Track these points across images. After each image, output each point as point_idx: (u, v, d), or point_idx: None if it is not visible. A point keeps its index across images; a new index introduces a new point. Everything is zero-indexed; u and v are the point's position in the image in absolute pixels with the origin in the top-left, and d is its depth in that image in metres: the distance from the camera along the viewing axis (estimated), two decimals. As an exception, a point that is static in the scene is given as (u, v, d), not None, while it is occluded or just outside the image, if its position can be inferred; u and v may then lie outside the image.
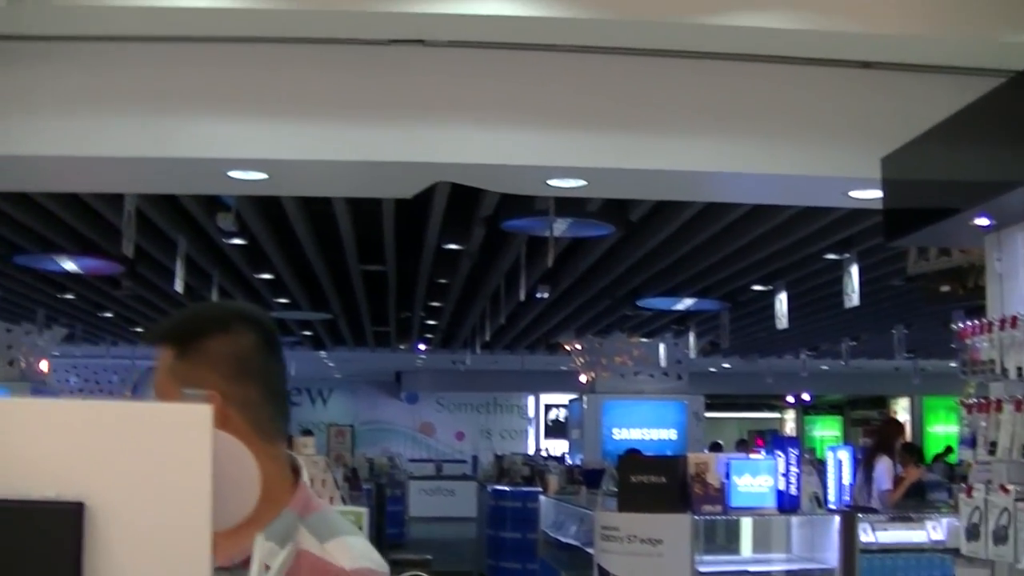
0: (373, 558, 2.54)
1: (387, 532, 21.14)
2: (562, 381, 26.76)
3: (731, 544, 9.81)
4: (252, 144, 6.95)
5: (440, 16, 6.55)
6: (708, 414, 20.57)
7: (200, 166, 7.23)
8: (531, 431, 38.21)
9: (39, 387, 19.25)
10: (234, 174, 7.45)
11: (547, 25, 6.63)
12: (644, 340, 20.37)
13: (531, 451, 33.48)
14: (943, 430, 34.42)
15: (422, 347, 28.42)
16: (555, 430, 35.69)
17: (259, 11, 6.50)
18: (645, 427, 19.08)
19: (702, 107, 7.13)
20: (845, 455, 9.88)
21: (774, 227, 12.87)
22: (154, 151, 6.96)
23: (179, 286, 13.55)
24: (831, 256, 14.30)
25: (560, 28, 6.68)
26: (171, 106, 6.92)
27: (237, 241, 13.93)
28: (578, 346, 20.08)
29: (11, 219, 12.97)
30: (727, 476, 8.69)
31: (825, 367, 30.70)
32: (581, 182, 7.68)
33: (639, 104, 7.13)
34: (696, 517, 8.70)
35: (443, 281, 17.65)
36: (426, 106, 7.00)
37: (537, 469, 19.14)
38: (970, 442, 6.10)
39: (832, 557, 8.93)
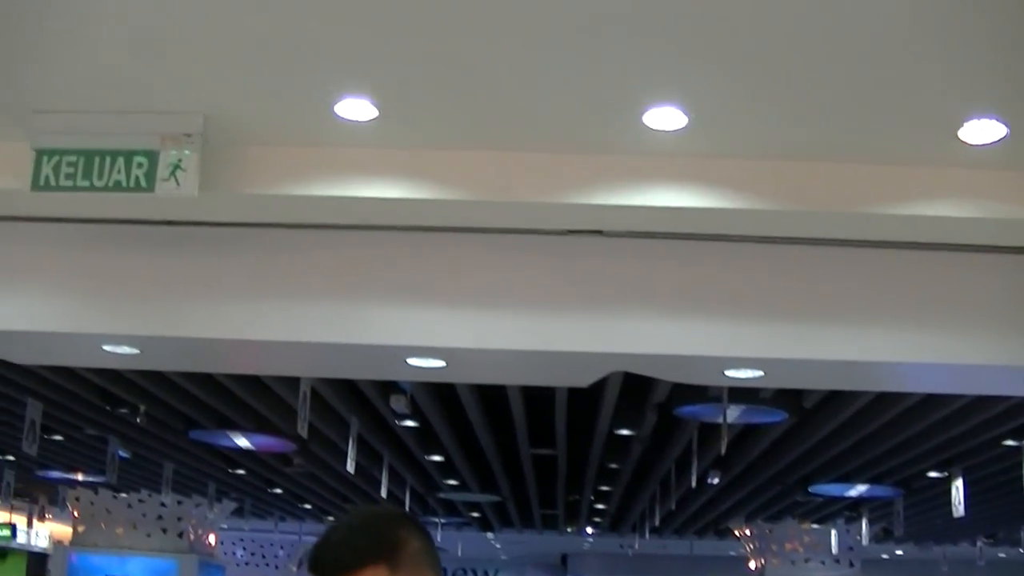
0: None
1: None
2: (732, 567, 26.19)
3: None
4: (431, 332, 7.05)
5: (618, 207, 6.62)
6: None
7: (379, 353, 7.35)
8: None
9: (207, 560, 19.50)
10: (412, 361, 7.55)
11: (724, 216, 6.65)
12: (816, 527, 19.87)
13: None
14: None
15: (590, 530, 28.13)
16: (724, 618, 34.79)
17: (440, 202, 6.66)
18: (815, 617, 18.50)
19: (878, 296, 7.04)
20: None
21: (950, 414, 12.52)
22: (335, 337, 7.11)
23: (350, 466, 13.68)
24: (1010, 443, 13.84)
25: (737, 218, 6.69)
26: (352, 293, 7.09)
27: (410, 423, 14.05)
28: (748, 532, 19.68)
29: (190, 396, 13.30)
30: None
31: (1003, 555, 29.50)
32: (758, 372, 7.60)
33: (816, 293, 7.06)
34: None
35: (614, 466, 17.51)
36: (603, 296, 7.03)
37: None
38: None
39: None
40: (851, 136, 6.21)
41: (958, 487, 15.90)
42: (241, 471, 19.08)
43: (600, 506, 23.11)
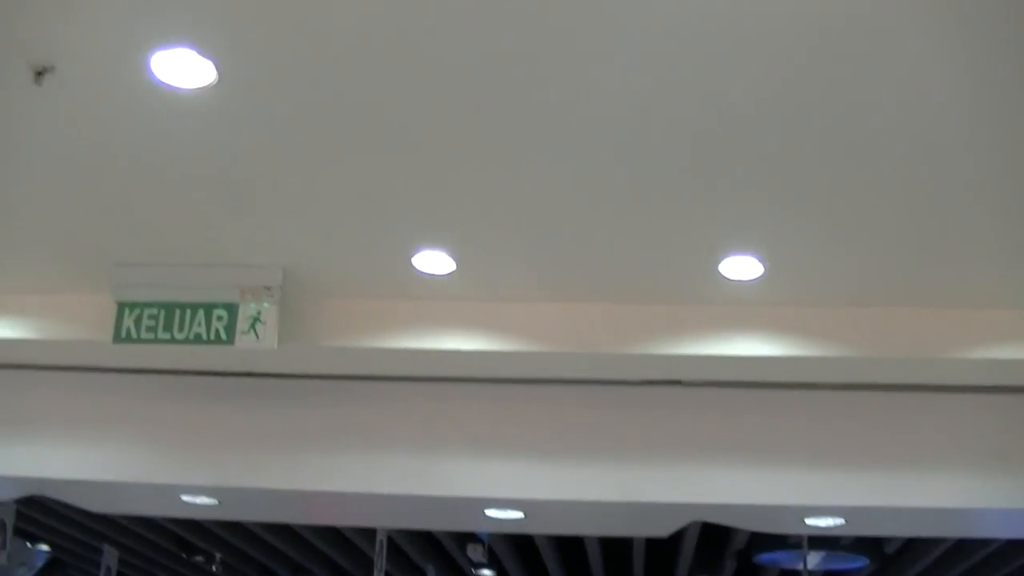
0: None
1: None
2: None
3: None
4: (510, 484, 7.00)
5: (696, 357, 6.59)
6: None
7: (457, 504, 7.30)
8: None
9: None
10: (491, 513, 7.50)
11: (801, 364, 6.59)
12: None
13: None
14: None
15: None
16: None
17: (518, 354, 6.66)
18: None
19: (957, 442, 6.91)
20: None
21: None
22: (413, 489, 7.08)
23: (425, 613, 13.53)
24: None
25: (814, 366, 6.63)
26: (430, 444, 7.07)
27: (487, 572, 13.89)
28: None
29: (267, 544, 13.25)
30: None
31: None
32: (839, 520, 7.46)
33: (895, 440, 6.94)
34: None
35: (693, 613, 17.15)
36: (682, 446, 6.96)
37: None
38: None
39: None
40: (927, 282, 6.16)
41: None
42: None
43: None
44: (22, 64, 4.55)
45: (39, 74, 4.59)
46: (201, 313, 6.29)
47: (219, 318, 6.27)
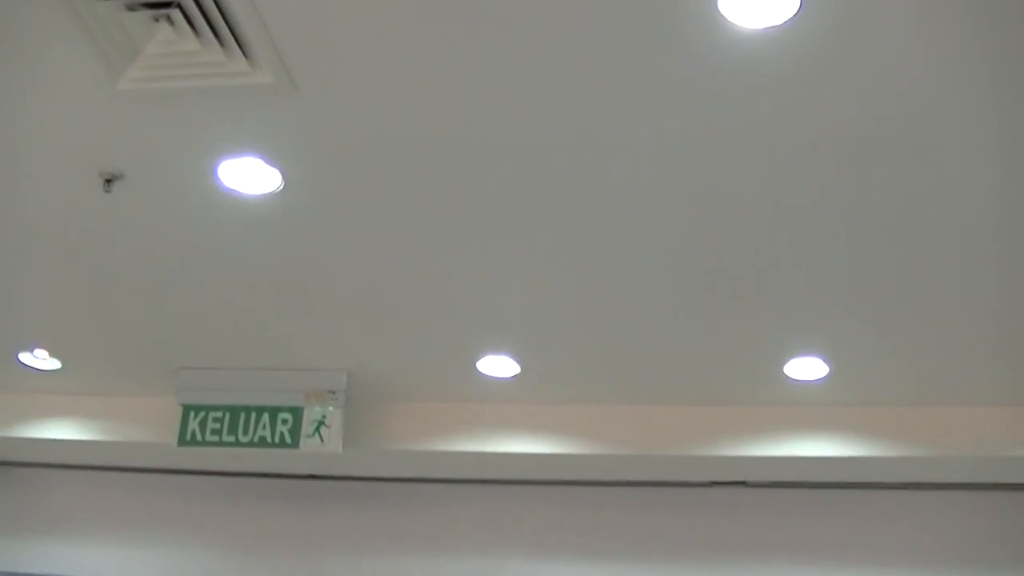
0: None
1: None
2: None
3: None
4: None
5: (761, 459, 6.52)
6: None
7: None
8: None
9: None
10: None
11: (867, 464, 6.50)
12: None
13: None
14: None
15: None
16: None
17: (583, 456, 6.61)
18: None
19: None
20: None
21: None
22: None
23: None
24: None
25: (879, 466, 6.54)
26: (495, 547, 7.03)
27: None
28: None
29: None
30: None
31: None
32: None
33: (963, 538, 6.79)
34: None
35: None
36: (748, 546, 6.88)
37: None
38: None
39: None
40: (992, 381, 6.07)
41: None
42: None
43: None
44: (92, 172, 4.63)
45: (108, 181, 4.66)
46: (266, 416, 6.31)
47: (284, 421, 6.29)
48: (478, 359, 6.12)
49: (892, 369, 6.01)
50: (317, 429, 6.25)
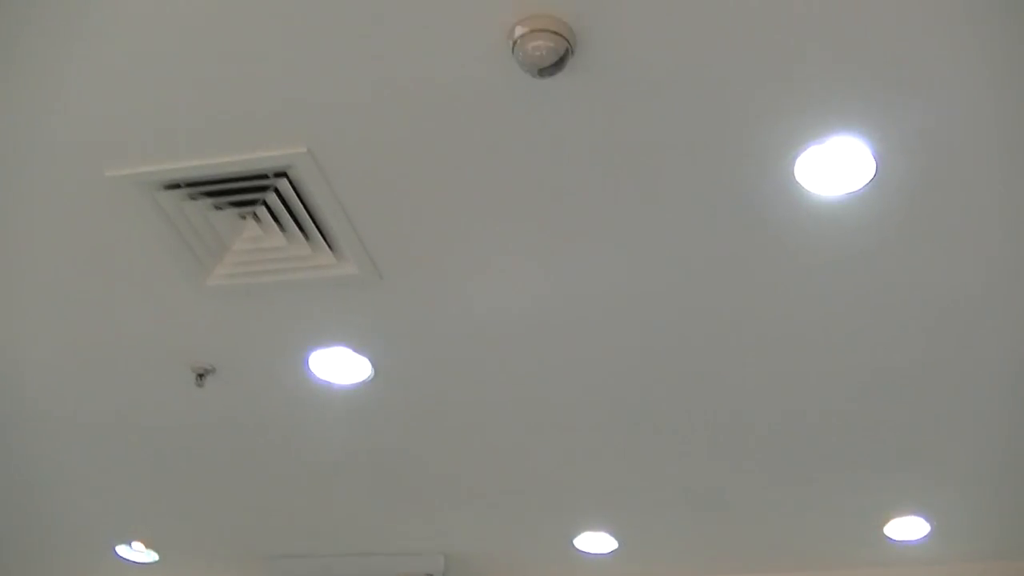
0: None
1: None
2: None
3: None
4: None
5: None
6: None
7: None
8: None
9: None
10: None
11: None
12: None
13: None
14: None
15: None
16: None
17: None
18: None
19: None
20: None
21: None
22: None
23: None
24: None
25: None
26: None
27: None
28: None
29: None
30: None
31: None
32: None
33: None
34: None
35: None
36: None
37: None
38: None
39: None
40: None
41: None
42: None
43: None
44: (184, 367, 4.67)
45: (200, 376, 4.70)
46: (360, 608, 6.25)
47: (377, 611, 6.22)
48: (575, 536, 6.02)
49: (994, 523, 5.82)
50: (423, 612, 6.17)
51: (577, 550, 6.16)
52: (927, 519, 5.78)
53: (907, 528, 5.87)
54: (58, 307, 4.40)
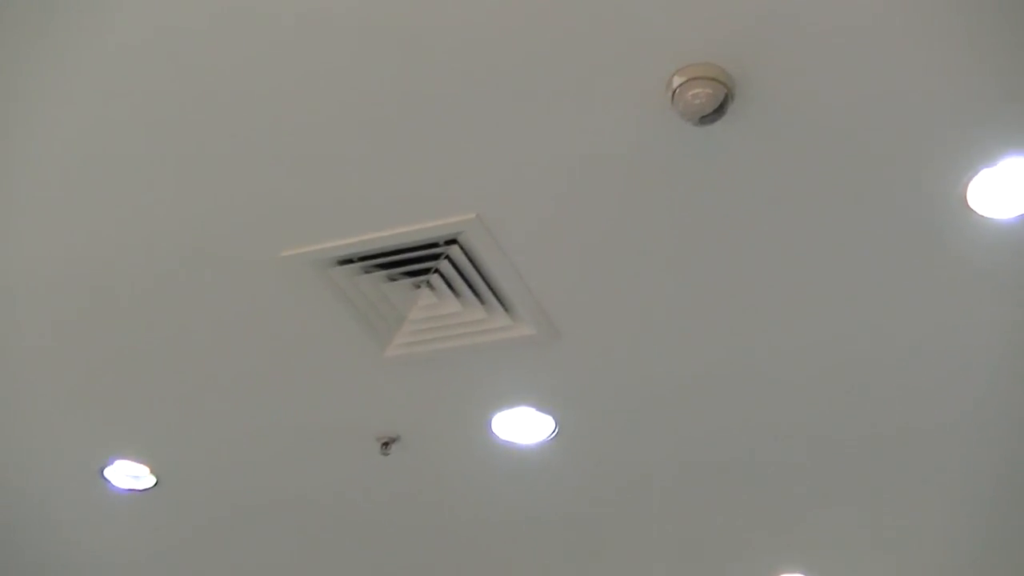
0: None
1: None
2: None
3: None
4: None
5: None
6: None
7: None
8: None
9: None
10: None
11: None
12: None
13: None
14: None
15: None
16: None
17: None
18: None
19: None
20: None
21: None
22: None
23: None
24: None
25: None
26: None
27: None
28: None
29: None
30: None
31: None
32: None
33: None
34: None
35: None
36: None
37: None
38: None
39: None
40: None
41: None
42: None
43: None
44: (368, 437, 4.73)
45: (385, 444, 4.75)
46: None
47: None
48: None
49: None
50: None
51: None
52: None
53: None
54: (243, 393, 4.51)
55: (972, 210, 3.34)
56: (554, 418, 4.53)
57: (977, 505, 5.03)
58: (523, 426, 4.60)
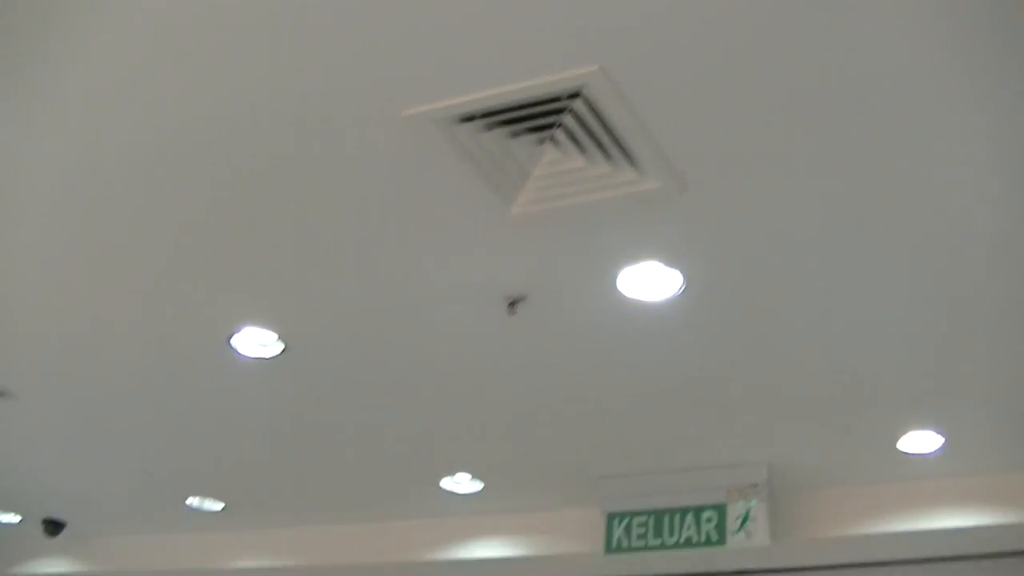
0: None
1: None
2: None
3: None
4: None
5: None
6: None
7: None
8: None
9: None
10: None
11: None
12: None
13: None
14: None
15: None
16: None
17: (1015, 526, 6.22)
18: None
19: None
20: None
21: None
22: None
23: None
24: None
25: None
26: None
27: None
28: None
29: None
30: None
31: None
32: None
33: None
34: None
35: None
36: None
37: None
38: None
39: None
40: None
41: None
42: None
43: None
44: (495, 297, 4.72)
45: (512, 304, 4.74)
46: (690, 517, 6.25)
47: (708, 520, 6.20)
48: (900, 437, 5.85)
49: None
50: (743, 524, 6.13)
51: (901, 452, 6.00)
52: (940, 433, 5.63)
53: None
54: (369, 256, 4.52)
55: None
56: (682, 273, 4.48)
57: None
58: (650, 282, 4.56)
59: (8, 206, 4.35)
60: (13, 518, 8.57)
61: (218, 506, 7.78)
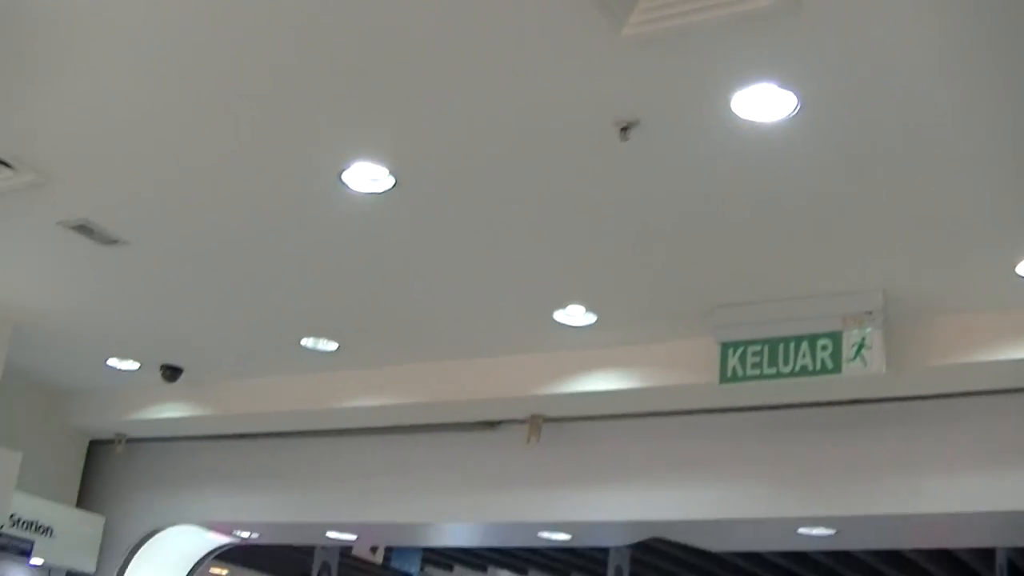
0: None
1: None
2: None
3: None
4: None
5: None
6: None
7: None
8: None
9: None
10: None
11: None
12: None
13: None
14: None
15: None
16: None
17: None
18: None
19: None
20: None
21: None
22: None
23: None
24: None
25: None
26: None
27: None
28: None
29: (877, 572, 13.00)
30: None
31: None
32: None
33: None
34: None
35: None
36: None
37: None
38: None
39: None
40: None
41: None
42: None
43: None
44: (607, 122, 4.67)
45: (624, 130, 4.69)
46: (805, 345, 6.21)
47: (823, 348, 6.16)
48: (1018, 263, 5.73)
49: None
50: (858, 352, 6.08)
51: (1020, 276, 5.88)
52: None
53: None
54: (478, 85, 4.50)
55: None
56: (796, 94, 4.41)
57: None
58: (764, 104, 4.49)
59: (117, 54, 4.39)
60: (132, 365, 8.76)
61: (332, 346, 7.88)
